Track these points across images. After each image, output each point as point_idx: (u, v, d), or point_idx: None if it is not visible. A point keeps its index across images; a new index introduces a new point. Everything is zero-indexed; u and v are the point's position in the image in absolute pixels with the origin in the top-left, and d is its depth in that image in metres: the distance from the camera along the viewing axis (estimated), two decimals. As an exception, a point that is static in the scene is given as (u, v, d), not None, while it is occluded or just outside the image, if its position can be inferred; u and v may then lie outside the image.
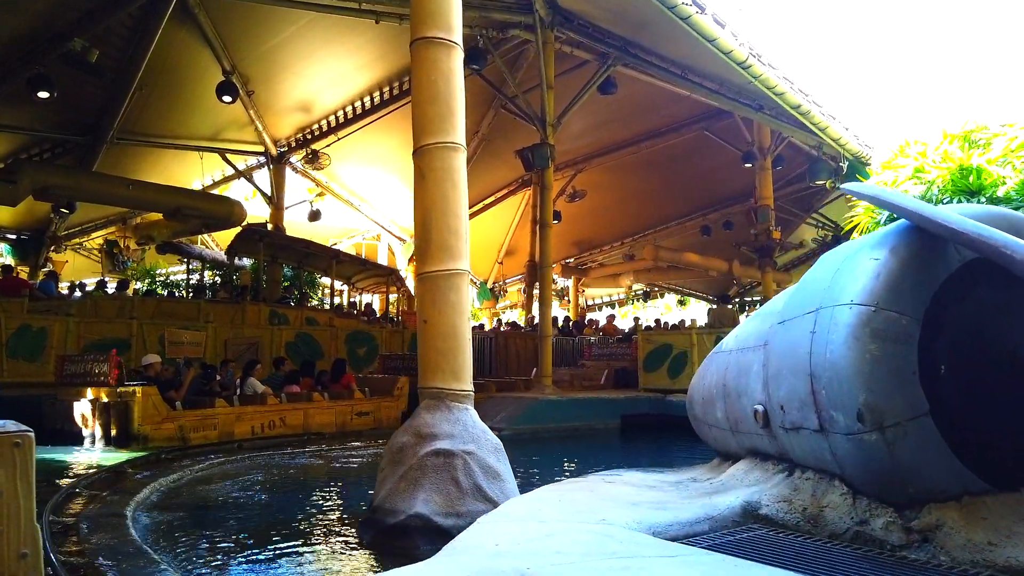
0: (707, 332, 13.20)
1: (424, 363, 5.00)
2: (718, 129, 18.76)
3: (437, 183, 5.04)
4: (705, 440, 4.54)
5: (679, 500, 3.18)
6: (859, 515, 2.70)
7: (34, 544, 1.41)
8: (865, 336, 2.60)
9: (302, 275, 19.17)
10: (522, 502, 3.36)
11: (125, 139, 15.01)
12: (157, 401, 9.19)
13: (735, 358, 3.80)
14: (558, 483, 4.16)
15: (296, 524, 5.42)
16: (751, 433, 3.45)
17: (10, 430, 1.43)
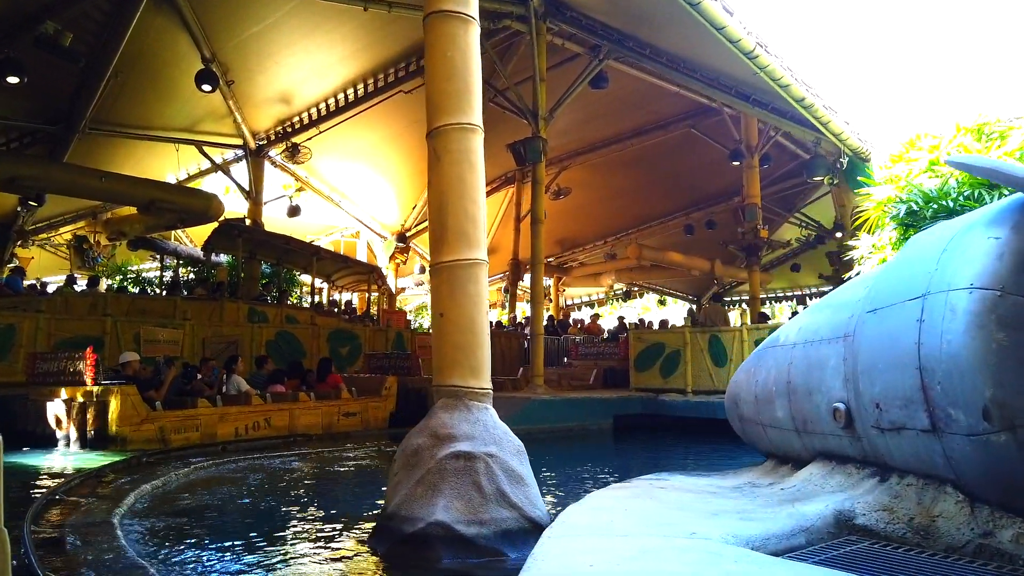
0: (700, 331, 13.01)
1: (440, 359, 4.67)
2: (705, 127, 18.64)
3: (453, 166, 4.71)
4: (752, 442, 4.28)
5: (759, 509, 2.91)
6: (981, 526, 2.44)
7: (1, 549, 1.38)
8: (991, 324, 2.33)
9: (281, 272, 18.66)
10: (584, 512, 3.07)
11: (98, 129, 14.40)
12: (136, 401, 8.73)
13: (801, 353, 3.54)
14: (608, 490, 3.88)
15: (301, 533, 5.06)
16: (824, 434, 3.20)
17: None
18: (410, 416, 12.17)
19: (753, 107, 12.58)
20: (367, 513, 5.64)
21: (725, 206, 23.77)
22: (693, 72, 12.31)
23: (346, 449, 9.55)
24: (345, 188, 20.13)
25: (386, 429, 11.67)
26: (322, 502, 6.26)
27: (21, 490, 5.95)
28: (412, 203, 20.63)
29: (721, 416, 12.02)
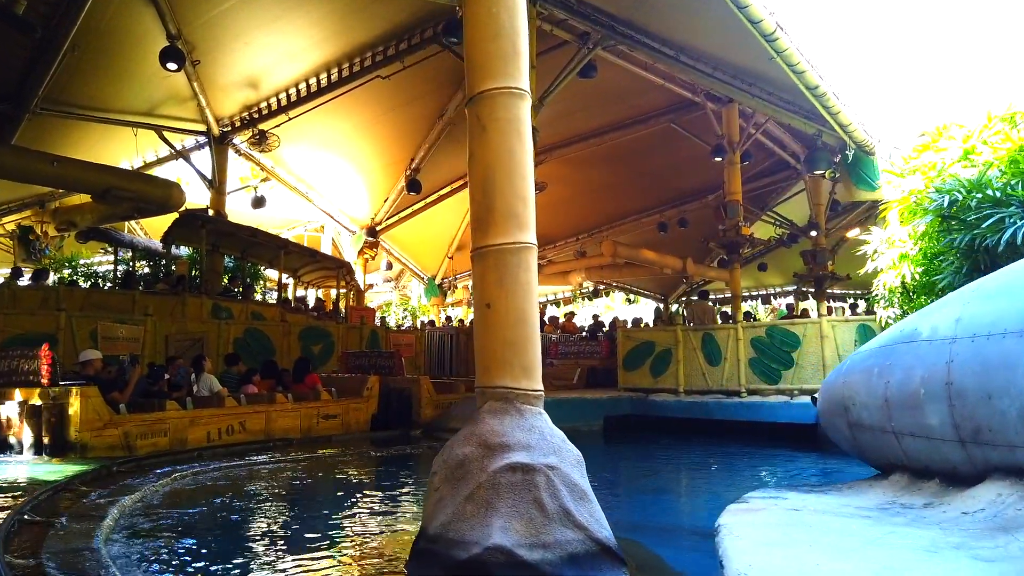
0: (692, 329, 12.64)
1: (487, 357, 4.08)
2: (686, 122, 18.34)
3: (501, 136, 4.13)
4: (867, 452, 3.80)
5: (972, 541, 2.43)
6: None
7: None
8: None
9: (245, 266, 17.72)
10: (762, 550, 2.52)
11: (50, 109, 13.30)
12: (98, 404, 7.90)
13: (969, 349, 3.07)
14: (740, 515, 3.34)
15: (318, 556, 4.41)
16: (1014, 446, 2.73)
17: None
18: (393, 419, 11.54)
19: (754, 97, 12.24)
20: (383, 531, 5.02)
21: (699, 204, 23.62)
22: (695, 60, 11.89)
23: (332, 455, 8.85)
24: (313, 179, 19.25)
25: (368, 432, 10.99)
26: (328, 517, 5.60)
27: (-24, 508, 5.15)
28: (384, 195, 19.85)
29: (718, 416, 11.77)
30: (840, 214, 22.70)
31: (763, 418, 11.17)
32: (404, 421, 11.54)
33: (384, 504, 6.18)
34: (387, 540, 4.72)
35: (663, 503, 6.68)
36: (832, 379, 5.01)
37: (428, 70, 14.68)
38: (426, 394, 11.71)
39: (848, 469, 8.56)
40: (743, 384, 11.78)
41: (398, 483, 7.41)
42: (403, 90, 15.31)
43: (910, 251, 8.04)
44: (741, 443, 10.70)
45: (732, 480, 8.04)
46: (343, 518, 5.54)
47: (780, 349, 11.52)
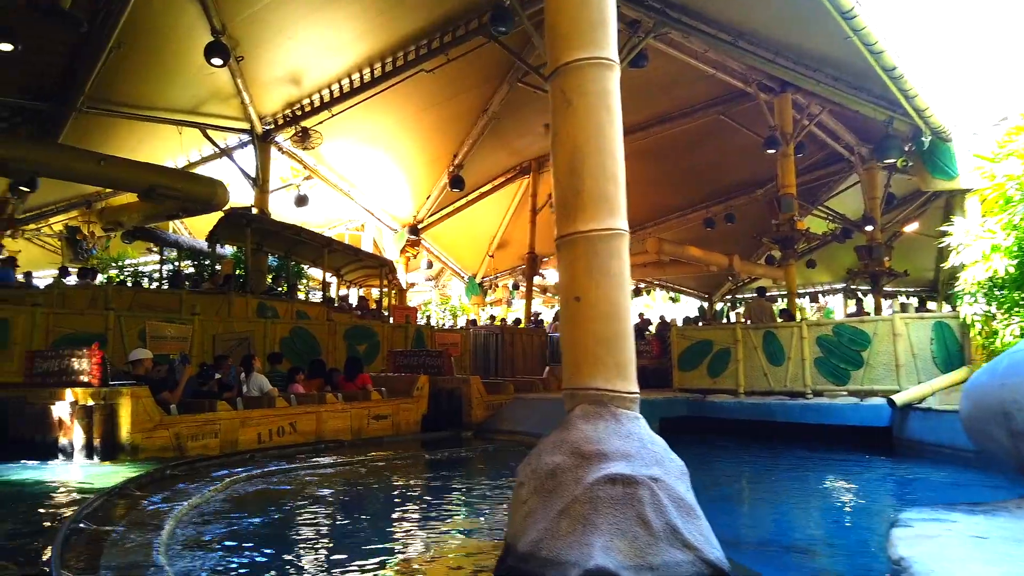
0: (752, 328, 12.11)
1: (576, 355, 3.71)
2: (736, 114, 17.78)
3: (589, 112, 3.75)
4: None
5: None
6: None
7: None
8: None
9: (289, 265, 17.60)
10: None
11: (96, 108, 13.27)
12: (149, 404, 7.70)
13: None
14: (919, 544, 2.92)
15: (398, 571, 4.07)
16: None
17: None
18: (442, 419, 11.23)
19: (819, 83, 11.66)
20: (455, 542, 4.66)
21: (747, 199, 22.99)
22: (755, 45, 11.36)
23: (386, 457, 8.54)
24: (354, 177, 19.05)
25: (418, 433, 10.68)
26: (395, 526, 5.26)
27: (32, 514, 4.93)
28: (426, 192, 19.59)
29: (782, 419, 11.22)
30: (896, 207, 21.89)
31: (831, 421, 10.61)
32: (454, 422, 11.23)
33: (450, 511, 5.84)
34: (462, 553, 4.37)
35: (744, 514, 6.24)
36: (984, 381, 4.51)
37: (473, 63, 14.37)
38: (477, 394, 11.38)
39: (931, 476, 8.02)
40: (808, 385, 11.22)
41: (459, 488, 7.06)
42: (447, 84, 15.02)
43: (1003, 242, 7.48)
44: (808, 447, 10.18)
45: (810, 488, 7.55)
46: (411, 528, 5.20)
47: (849, 348, 10.94)
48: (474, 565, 4.06)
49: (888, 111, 11.29)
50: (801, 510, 6.34)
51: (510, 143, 18.92)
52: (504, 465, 8.63)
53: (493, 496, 6.46)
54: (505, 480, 7.45)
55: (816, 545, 4.73)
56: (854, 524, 5.62)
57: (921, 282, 26.34)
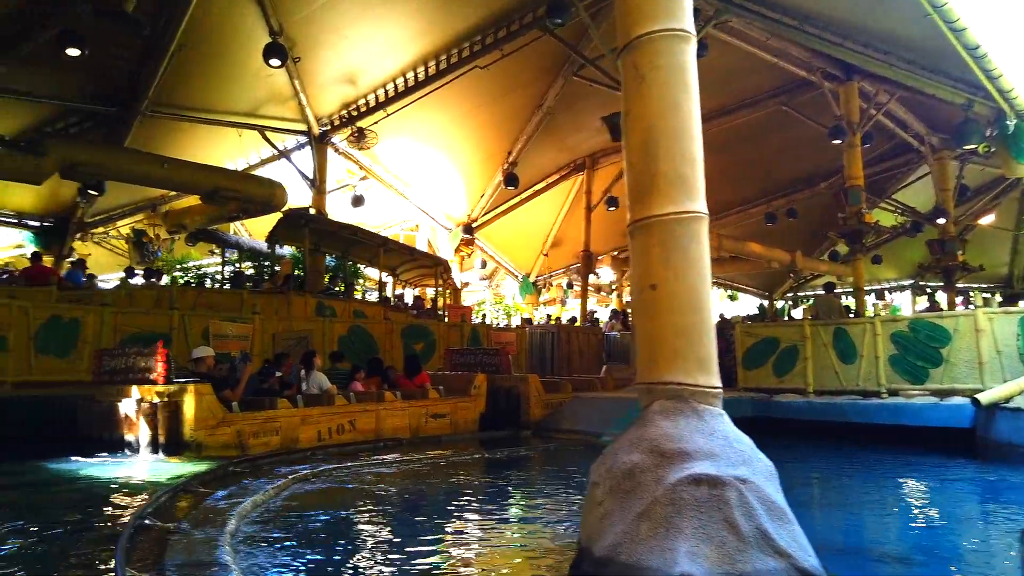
0: (822, 324, 11.61)
1: (653, 347, 3.49)
2: (798, 104, 17.18)
3: (664, 87, 3.52)
4: None
5: None
6: None
7: None
8: None
9: (347, 265, 17.73)
10: None
11: (159, 112, 13.56)
12: (211, 402, 7.74)
13: None
14: None
15: (465, 572, 3.91)
16: None
17: None
18: (500, 418, 11.08)
19: (890, 67, 11.12)
20: (523, 543, 4.48)
21: (810, 192, 22.26)
22: (821, 29, 10.89)
23: (446, 456, 8.42)
24: (409, 176, 19.09)
25: (476, 432, 10.55)
26: (459, 526, 5.11)
27: (98, 510, 4.94)
28: (480, 191, 19.51)
29: (854, 419, 10.71)
30: (969, 199, 20.87)
31: (908, 421, 10.07)
32: (512, 421, 11.07)
33: (513, 512, 5.67)
34: (528, 555, 4.19)
35: (825, 520, 5.89)
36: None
37: (527, 58, 14.20)
38: (535, 393, 11.19)
39: (1017, 478, 7.51)
40: (883, 383, 10.69)
41: (521, 488, 6.89)
42: (501, 80, 14.89)
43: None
44: (883, 449, 9.67)
45: (891, 492, 7.13)
46: (474, 529, 5.04)
47: (926, 345, 10.38)
48: (542, 568, 3.87)
49: (967, 94, 10.69)
50: (886, 515, 5.96)
51: (564, 139, 18.69)
52: (566, 465, 8.42)
53: (556, 496, 6.27)
54: (568, 480, 7.25)
55: (913, 553, 4.40)
56: (947, 530, 5.24)
57: (995, 277, 25.12)
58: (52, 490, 5.82)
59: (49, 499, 5.43)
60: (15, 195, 15.78)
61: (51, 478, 6.33)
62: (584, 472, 7.87)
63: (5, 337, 9.23)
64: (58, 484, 6.08)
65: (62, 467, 6.84)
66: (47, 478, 6.36)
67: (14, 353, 9.25)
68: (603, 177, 20.79)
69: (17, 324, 9.40)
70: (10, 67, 11.03)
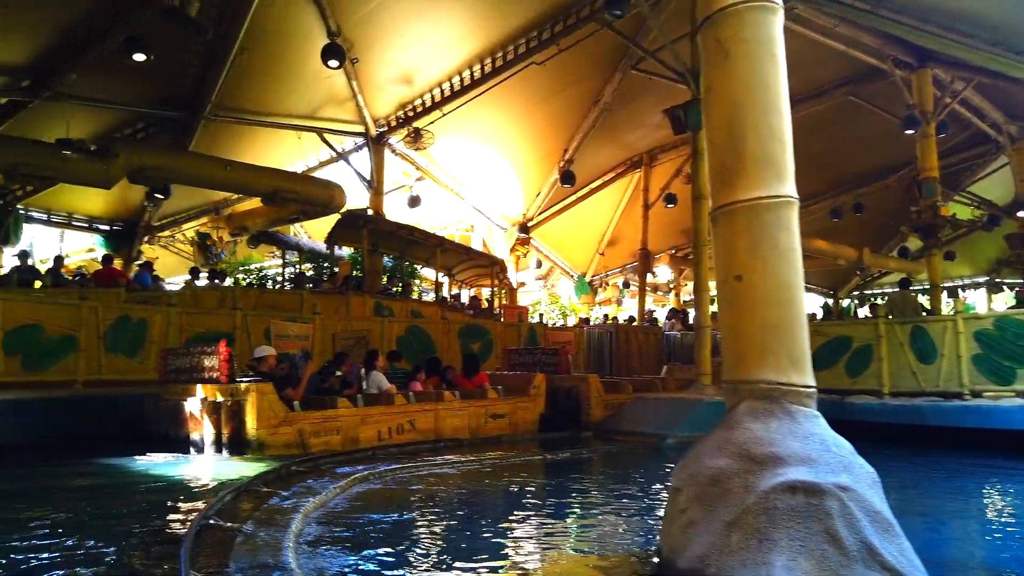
0: (898, 322, 11.06)
1: (740, 344, 3.24)
2: (867, 94, 16.48)
3: (751, 62, 3.27)
4: None
5: None
6: None
7: None
8: None
9: (403, 265, 17.78)
10: None
11: (221, 116, 13.82)
12: (274, 401, 7.74)
13: None
14: None
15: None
16: None
17: None
18: (560, 419, 10.86)
19: (974, 50, 10.51)
20: (596, 550, 4.27)
21: (879, 186, 21.38)
22: (898, 12, 10.36)
23: (508, 457, 8.26)
24: (464, 176, 19.05)
25: (536, 433, 10.36)
26: (528, 530, 4.92)
27: (163, 509, 4.93)
28: (536, 189, 19.35)
29: (935, 422, 10.16)
30: (1052, 191, 19.73)
31: (995, 424, 9.48)
32: (572, 422, 10.83)
33: (579, 517, 5.46)
34: (601, 563, 3.97)
35: (920, 531, 5.50)
36: None
37: (584, 53, 13.96)
38: (595, 393, 10.94)
39: None
40: (965, 384, 10.10)
41: (585, 492, 6.68)
42: (557, 76, 14.68)
43: None
44: (967, 453, 9.11)
45: (985, 500, 6.67)
46: (539, 534, 4.85)
47: (1014, 344, 9.76)
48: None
49: (1060, 76, 10.02)
50: (987, 526, 5.54)
51: (621, 136, 18.37)
52: (629, 467, 8.17)
53: (622, 501, 6.04)
54: (633, 484, 7.00)
55: (1013, 567, 4.03)
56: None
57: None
58: (119, 489, 5.86)
59: (115, 498, 5.46)
60: (87, 200, 16.32)
61: (118, 477, 6.40)
62: (649, 475, 7.63)
63: (76, 337, 9.48)
64: (125, 483, 6.14)
65: (129, 466, 6.93)
66: (114, 477, 6.43)
67: (85, 352, 9.49)
68: (661, 174, 20.37)
69: (87, 324, 9.64)
70: (81, 75, 11.34)
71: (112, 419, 8.90)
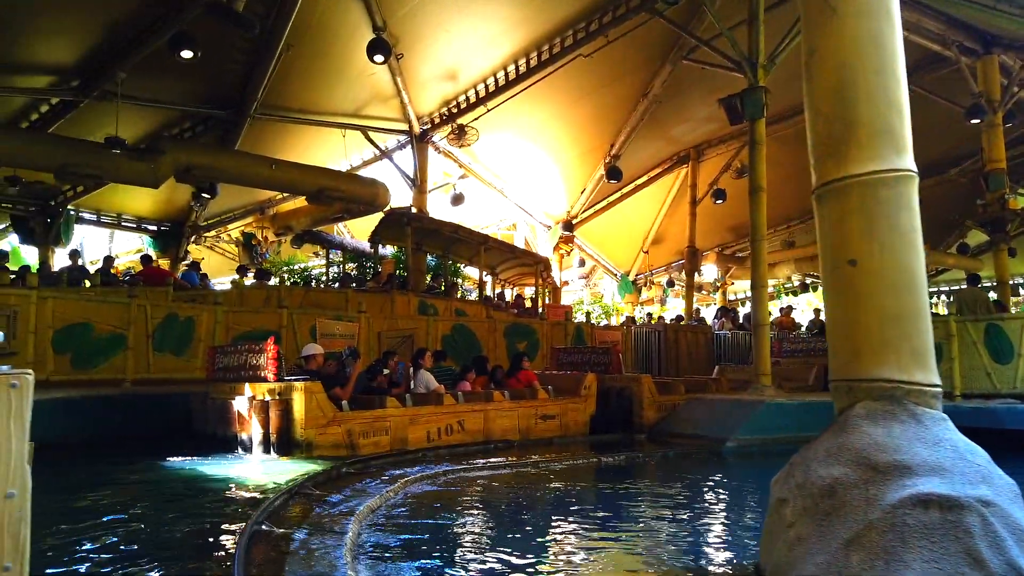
0: (971, 320, 10.45)
1: (855, 336, 2.89)
2: (929, 82, 15.75)
3: (861, 18, 2.92)
4: None
5: None
6: None
7: (23, 485, 1.48)
8: None
9: (447, 264, 17.58)
10: None
11: (267, 114, 13.77)
12: (322, 400, 7.54)
13: None
14: None
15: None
16: None
17: (6, 371, 1.51)
18: (610, 420, 10.50)
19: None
20: (676, 564, 3.93)
21: (936, 180, 20.48)
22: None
23: (560, 460, 7.94)
24: (507, 174, 18.78)
25: (587, 435, 10.02)
26: (593, 542, 4.61)
27: (214, 511, 4.73)
28: (580, 186, 18.98)
29: (1012, 426, 9.54)
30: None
31: (1082, 429, 8.87)
32: (623, 424, 10.46)
33: (647, 526, 5.12)
34: None
35: None
36: None
37: (633, 44, 13.58)
38: (648, 394, 10.55)
39: None
40: (1047, 386, 9.49)
41: (655, 499, 6.34)
42: (604, 69, 14.32)
43: None
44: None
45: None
46: (616, 544, 4.53)
47: (1102, 343, 9.13)
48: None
49: None
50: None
51: (667, 131, 17.91)
52: (691, 472, 7.79)
53: (693, 510, 5.68)
54: (700, 491, 6.64)
55: None
56: None
57: None
58: (167, 491, 5.71)
59: (164, 500, 5.30)
60: (135, 201, 16.46)
61: (167, 478, 6.26)
62: (714, 482, 7.25)
63: (125, 335, 9.44)
64: (173, 484, 5.98)
65: (177, 466, 6.79)
66: (163, 478, 6.29)
67: (133, 351, 9.46)
68: (708, 169, 19.85)
69: (136, 323, 9.60)
70: (129, 74, 11.35)
71: (160, 418, 8.82)
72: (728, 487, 6.91)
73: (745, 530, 4.90)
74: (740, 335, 17.48)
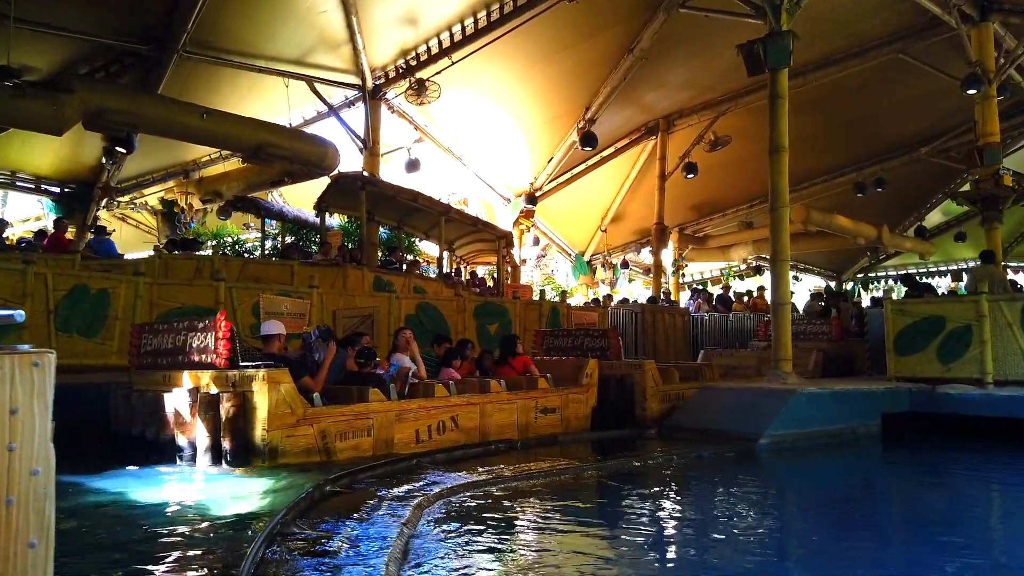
0: (1005, 300, 9.53)
1: None
2: (919, 51, 14.98)
3: None
4: None
5: None
6: None
7: (47, 463, 1.45)
8: None
9: (401, 236, 15.84)
10: None
11: (197, 54, 11.65)
12: (290, 393, 5.84)
13: None
14: None
15: None
16: None
17: (28, 349, 1.45)
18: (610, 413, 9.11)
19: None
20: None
21: (907, 159, 20.00)
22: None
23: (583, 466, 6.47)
24: (465, 139, 17.08)
25: (590, 431, 8.58)
26: None
27: (142, 557, 3.03)
28: (548, 155, 17.45)
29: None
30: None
31: None
32: (625, 417, 9.08)
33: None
34: None
35: None
36: None
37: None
38: (651, 383, 9.16)
39: None
40: (1093, 372, 8.64)
41: (741, 513, 4.96)
42: (588, 17, 12.75)
43: None
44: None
45: None
46: None
47: None
48: None
49: None
50: None
51: (640, 98, 16.58)
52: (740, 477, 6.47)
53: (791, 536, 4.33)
54: (774, 502, 5.31)
55: None
56: None
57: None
58: (63, 529, 3.93)
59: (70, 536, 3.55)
60: (34, 155, 13.99)
61: (66, 506, 4.38)
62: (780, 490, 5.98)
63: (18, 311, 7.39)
64: (74, 515, 4.17)
65: (85, 484, 4.95)
66: (61, 505, 4.48)
67: (30, 330, 7.39)
68: (676, 142, 18.62)
69: (34, 295, 7.58)
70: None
71: (66, 416, 6.85)
72: (806, 497, 5.61)
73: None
74: (717, 317, 16.44)
